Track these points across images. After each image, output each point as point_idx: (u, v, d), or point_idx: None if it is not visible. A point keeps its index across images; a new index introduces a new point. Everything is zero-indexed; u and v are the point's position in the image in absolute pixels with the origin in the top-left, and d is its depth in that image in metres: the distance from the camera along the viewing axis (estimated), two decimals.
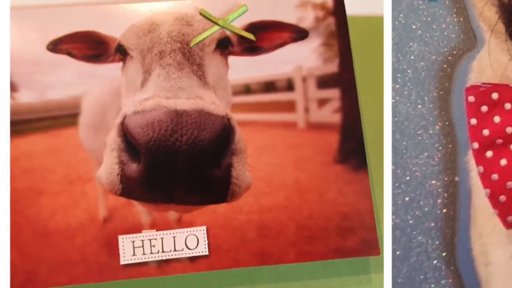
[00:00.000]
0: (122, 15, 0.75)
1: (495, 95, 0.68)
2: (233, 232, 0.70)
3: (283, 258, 0.69)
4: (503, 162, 0.67)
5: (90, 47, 0.74)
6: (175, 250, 0.69)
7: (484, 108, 0.68)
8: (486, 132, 0.68)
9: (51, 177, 0.70)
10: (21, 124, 0.72)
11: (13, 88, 0.72)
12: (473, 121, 0.68)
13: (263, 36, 0.75)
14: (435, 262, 0.70)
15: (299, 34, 0.76)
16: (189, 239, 0.69)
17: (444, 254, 0.70)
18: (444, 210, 0.70)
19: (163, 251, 0.69)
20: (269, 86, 0.74)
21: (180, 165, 0.66)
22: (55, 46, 0.73)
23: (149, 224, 0.70)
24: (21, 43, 0.73)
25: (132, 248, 0.69)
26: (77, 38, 0.74)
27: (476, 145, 0.68)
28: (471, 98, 0.68)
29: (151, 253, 0.69)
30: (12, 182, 0.70)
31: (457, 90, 0.71)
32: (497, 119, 0.68)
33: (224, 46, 0.74)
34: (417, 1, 0.72)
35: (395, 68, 0.72)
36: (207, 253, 0.69)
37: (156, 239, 0.69)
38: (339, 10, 0.77)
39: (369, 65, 0.77)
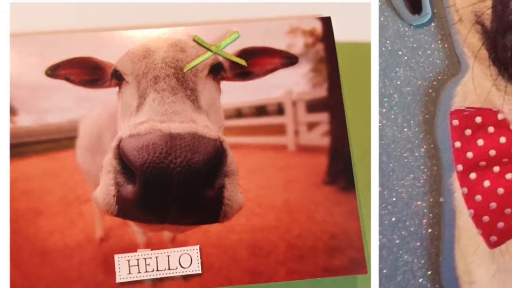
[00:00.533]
0: (118, 42, 0.75)
1: (478, 119, 0.69)
2: (226, 251, 0.70)
3: (274, 276, 0.70)
4: (486, 183, 0.68)
5: (87, 72, 0.74)
6: (169, 269, 0.69)
7: (468, 132, 0.69)
8: (470, 154, 0.69)
9: (50, 198, 0.70)
10: (21, 147, 0.72)
11: (13, 112, 0.73)
12: (457, 144, 0.69)
13: (254, 61, 0.76)
14: (420, 280, 0.71)
15: (289, 60, 0.76)
16: (182, 258, 0.70)
17: (429, 272, 0.71)
18: (429, 230, 0.71)
19: (157, 270, 0.69)
20: (260, 110, 0.75)
21: (174, 187, 0.66)
22: (54, 72, 0.74)
23: (144, 243, 0.70)
24: (20, 69, 0.74)
25: (127, 267, 0.69)
26: (74, 64, 0.74)
27: (460, 167, 0.69)
28: (456, 122, 0.69)
29: (146, 271, 0.69)
30: (11, 203, 0.70)
31: (442, 114, 0.71)
32: (480, 142, 0.69)
33: (217, 71, 0.75)
34: (403, 28, 0.73)
35: (382, 92, 0.73)
36: (200, 271, 0.69)
37: (151, 258, 0.70)
38: (328, 36, 0.77)
39: (357, 90, 0.77)
